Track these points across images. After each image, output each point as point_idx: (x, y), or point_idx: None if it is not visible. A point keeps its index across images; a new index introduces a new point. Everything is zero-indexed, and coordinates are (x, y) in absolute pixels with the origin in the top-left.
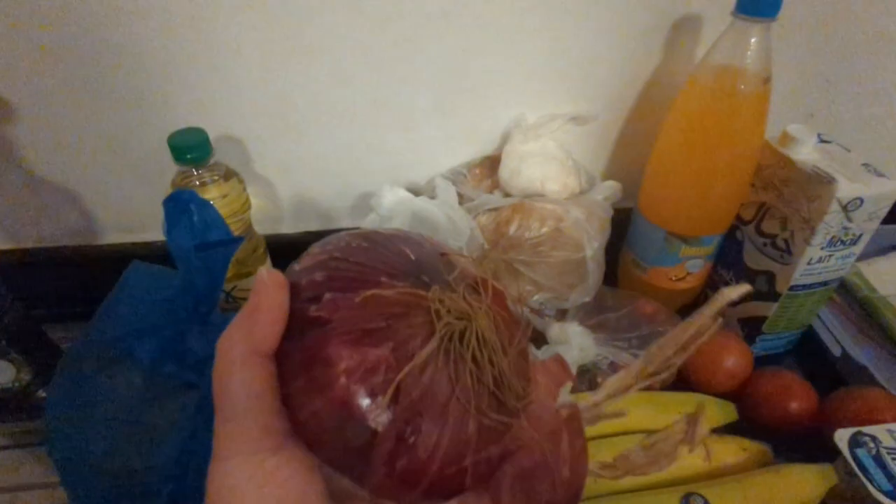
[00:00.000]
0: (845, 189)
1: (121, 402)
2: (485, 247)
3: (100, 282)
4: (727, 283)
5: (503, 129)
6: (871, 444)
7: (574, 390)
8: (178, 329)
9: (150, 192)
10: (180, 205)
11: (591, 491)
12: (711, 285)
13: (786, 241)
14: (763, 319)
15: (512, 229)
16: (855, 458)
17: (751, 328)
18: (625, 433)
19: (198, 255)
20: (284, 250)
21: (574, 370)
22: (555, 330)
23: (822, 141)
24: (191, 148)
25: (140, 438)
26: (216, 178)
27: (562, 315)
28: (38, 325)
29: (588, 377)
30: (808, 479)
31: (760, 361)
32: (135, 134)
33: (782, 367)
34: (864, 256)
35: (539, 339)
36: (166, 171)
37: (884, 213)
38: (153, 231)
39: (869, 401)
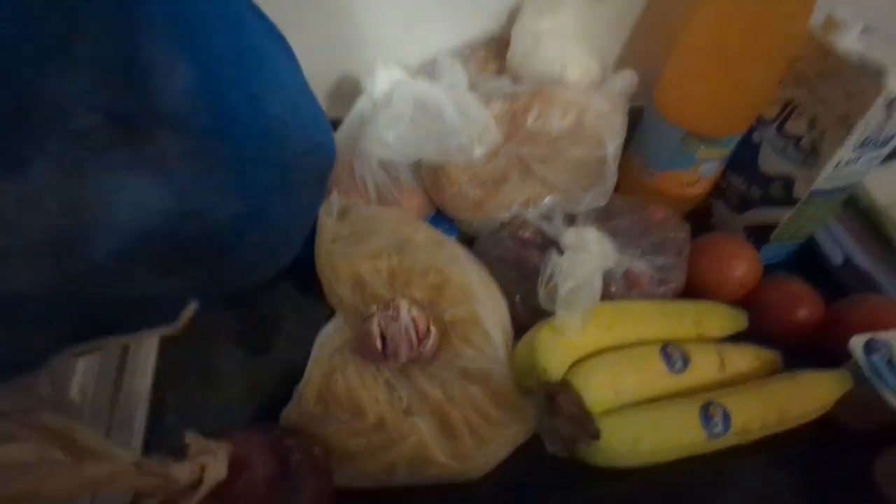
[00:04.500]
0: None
1: None
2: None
3: None
4: (737, 191)
5: (511, 3)
6: (885, 350)
7: None
8: None
9: None
10: None
11: (612, 403)
12: (718, 193)
13: (812, 141)
14: (771, 228)
15: (530, 119)
16: (870, 363)
17: (757, 237)
18: (641, 343)
19: None
20: None
21: (599, 279)
22: (570, 236)
23: (865, 30)
24: None
25: None
26: None
27: (570, 221)
28: None
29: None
30: (825, 385)
31: None
32: None
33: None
34: None
35: (547, 246)
36: None
37: None
38: None
39: (876, 307)
